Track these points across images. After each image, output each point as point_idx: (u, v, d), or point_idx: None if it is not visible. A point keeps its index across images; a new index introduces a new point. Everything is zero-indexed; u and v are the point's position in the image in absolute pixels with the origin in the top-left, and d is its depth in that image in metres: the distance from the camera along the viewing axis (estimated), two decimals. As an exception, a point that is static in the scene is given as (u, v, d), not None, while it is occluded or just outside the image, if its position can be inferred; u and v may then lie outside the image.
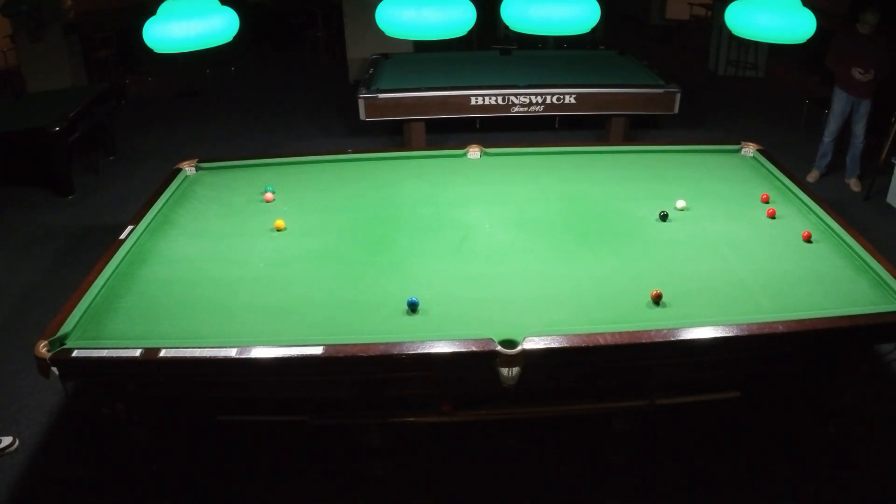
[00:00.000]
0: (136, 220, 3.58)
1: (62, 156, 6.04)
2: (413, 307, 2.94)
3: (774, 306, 2.91)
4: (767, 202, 3.75)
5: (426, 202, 3.84)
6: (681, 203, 3.74)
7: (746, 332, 2.72)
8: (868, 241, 3.31)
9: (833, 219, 3.51)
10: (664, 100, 6.39)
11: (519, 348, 2.62)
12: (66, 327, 2.78)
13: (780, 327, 2.74)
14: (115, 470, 3.31)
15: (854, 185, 6.14)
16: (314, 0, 10.65)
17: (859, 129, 5.93)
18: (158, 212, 3.73)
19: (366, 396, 3.06)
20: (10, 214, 5.94)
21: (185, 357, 2.65)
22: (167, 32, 3.05)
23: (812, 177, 6.26)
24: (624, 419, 3.23)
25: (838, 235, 3.40)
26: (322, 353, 2.63)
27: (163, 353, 2.64)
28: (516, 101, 6.35)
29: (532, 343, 2.64)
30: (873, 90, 5.79)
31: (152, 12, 3.12)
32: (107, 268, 3.18)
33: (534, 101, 6.35)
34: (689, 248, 3.37)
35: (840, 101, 5.92)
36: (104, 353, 2.67)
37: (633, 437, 3.32)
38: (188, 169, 4.22)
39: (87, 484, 3.27)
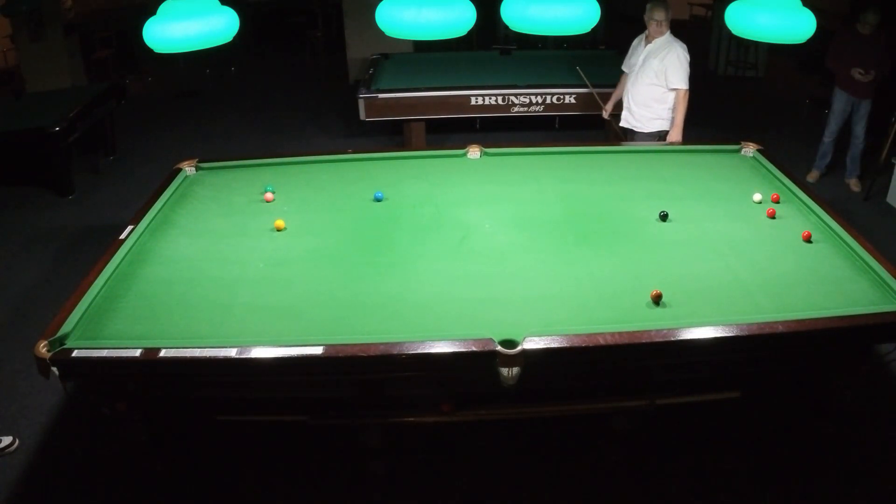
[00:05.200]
0: (136, 220, 3.58)
1: (62, 156, 6.04)
2: (378, 200, 3.74)
3: (774, 306, 2.91)
4: (778, 202, 3.74)
5: (426, 202, 3.84)
6: (757, 196, 3.76)
7: (746, 332, 2.72)
8: (868, 241, 3.31)
9: (833, 219, 3.51)
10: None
11: (519, 348, 2.62)
12: (66, 327, 2.78)
13: (780, 327, 2.74)
14: (115, 470, 3.32)
15: (854, 185, 6.14)
16: (314, 0, 10.64)
17: (859, 130, 5.93)
18: (158, 212, 3.73)
19: (366, 396, 3.06)
20: (10, 214, 5.94)
21: (185, 357, 2.65)
22: (167, 32, 3.05)
23: (812, 177, 6.26)
24: (624, 419, 3.24)
25: (838, 235, 3.39)
26: (322, 353, 2.63)
27: (163, 353, 2.64)
28: (516, 101, 6.35)
29: (532, 343, 2.64)
30: (873, 90, 5.79)
31: (152, 12, 3.12)
32: (107, 268, 3.18)
33: (534, 101, 6.35)
34: (689, 248, 3.37)
35: (840, 101, 5.92)
36: (104, 353, 2.67)
37: (633, 437, 3.32)
38: (188, 169, 4.22)
39: (87, 484, 3.27)
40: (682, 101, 4.80)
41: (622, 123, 5.15)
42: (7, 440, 3.47)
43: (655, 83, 4.82)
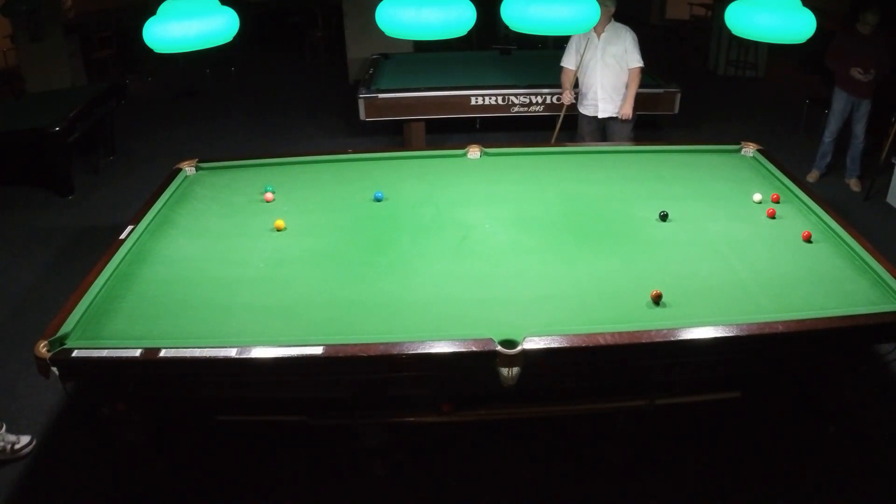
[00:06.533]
0: (136, 220, 3.58)
1: (62, 156, 6.04)
2: (378, 200, 3.77)
3: (774, 306, 2.90)
4: (778, 202, 3.74)
5: (426, 202, 3.84)
6: (757, 196, 3.76)
7: (746, 332, 2.72)
8: (868, 241, 3.31)
9: (833, 219, 3.51)
10: (664, 100, 6.39)
11: (519, 348, 2.62)
12: (66, 327, 2.78)
13: (780, 327, 2.74)
14: (115, 470, 3.32)
15: (854, 185, 6.14)
16: (314, 0, 10.65)
17: (859, 129, 5.93)
18: (158, 212, 3.73)
19: (366, 396, 3.06)
20: (10, 214, 5.94)
21: (185, 357, 2.64)
22: (167, 32, 3.04)
23: (812, 177, 6.26)
24: (624, 419, 3.23)
25: (838, 235, 3.39)
26: (322, 353, 2.62)
27: (163, 353, 2.64)
28: (516, 101, 6.35)
29: (532, 343, 2.64)
30: (873, 90, 5.79)
31: (152, 12, 3.12)
32: (107, 268, 3.18)
33: (534, 101, 6.35)
34: (689, 248, 3.37)
35: (840, 101, 5.92)
36: (104, 353, 2.67)
37: (633, 437, 3.32)
38: (188, 169, 4.22)
39: (87, 484, 3.27)
40: (639, 77, 5.22)
41: (600, 114, 5.35)
42: (25, 440, 3.45)
43: (620, 68, 5.19)
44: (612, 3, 5.01)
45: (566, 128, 5.55)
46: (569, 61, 5.35)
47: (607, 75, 5.19)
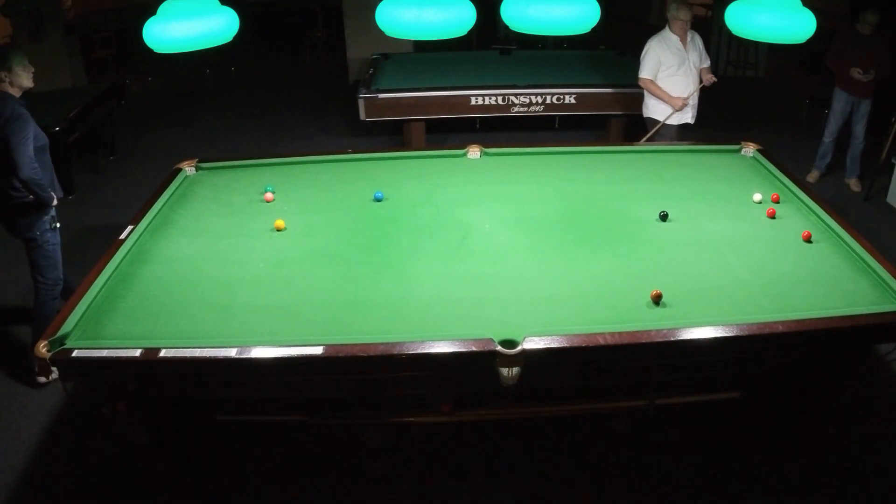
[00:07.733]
0: (136, 220, 3.58)
1: (62, 156, 6.03)
2: (378, 200, 3.78)
3: (774, 306, 2.91)
4: (778, 202, 3.74)
5: (426, 202, 3.84)
6: (757, 196, 3.77)
7: (746, 332, 2.72)
8: (868, 241, 3.31)
9: (833, 219, 3.51)
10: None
11: (519, 348, 2.62)
12: (66, 327, 2.78)
13: (780, 327, 2.74)
14: (115, 470, 3.32)
15: (854, 185, 6.14)
16: (314, 0, 10.65)
17: (859, 129, 5.93)
18: (158, 212, 3.73)
19: (366, 396, 3.06)
20: (10, 214, 5.93)
21: (185, 357, 2.65)
22: (167, 32, 3.05)
23: (812, 177, 6.26)
24: (624, 419, 3.24)
25: (838, 235, 3.40)
26: (322, 353, 2.63)
27: (163, 353, 2.64)
28: (516, 101, 6.35)
29: (532, 343, 2.64)
30: (873, 90, 5.79)
31: (152, 12, 3.12)
32: (107, 268, 3.18)
33: (534, 101, 6.35)
34: (689, 248, 3.37)
35: (840, 101, 5.92)
36: (104, 353, 2.67)
37: (633, 437, 3.32)
38: (188, 169, 4.22)
39: (87, 484, 3.27)
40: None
41: (692, 120, 5.44)
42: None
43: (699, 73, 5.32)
44: (692, 11, 5.18)
45: (567, 128, 5.55)
46: (651, 71, 5.32)
47: (695, 82, 5.30)
